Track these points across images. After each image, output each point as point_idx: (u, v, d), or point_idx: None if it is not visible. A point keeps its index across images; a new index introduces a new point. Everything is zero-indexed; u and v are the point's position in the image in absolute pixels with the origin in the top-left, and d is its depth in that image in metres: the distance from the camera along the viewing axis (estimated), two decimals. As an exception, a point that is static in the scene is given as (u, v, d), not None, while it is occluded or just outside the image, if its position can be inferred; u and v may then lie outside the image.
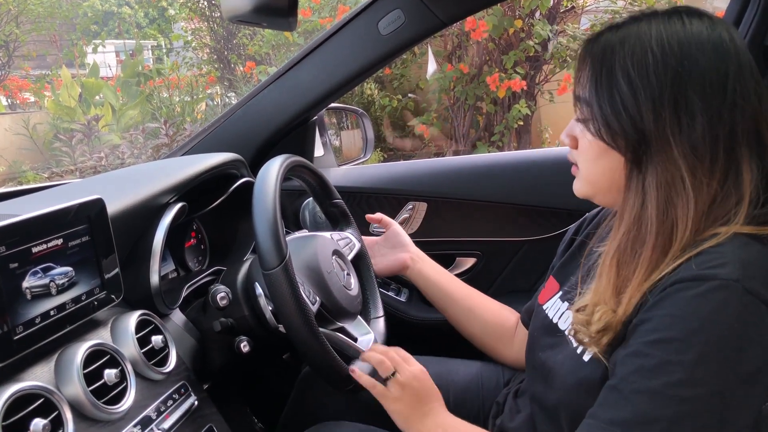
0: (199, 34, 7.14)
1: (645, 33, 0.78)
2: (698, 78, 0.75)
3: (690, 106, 0.75)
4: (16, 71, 8.47)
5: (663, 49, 0.76)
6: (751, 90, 0.77)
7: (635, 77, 0.76)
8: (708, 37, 0.76)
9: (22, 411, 0.70)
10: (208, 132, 1.51)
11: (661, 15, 0.80)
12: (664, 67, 0.75)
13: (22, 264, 0.75)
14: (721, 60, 0.76)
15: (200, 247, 1.28)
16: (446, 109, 5.29)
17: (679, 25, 0.78)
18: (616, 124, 0.78)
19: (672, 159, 0.75)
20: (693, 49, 0.76)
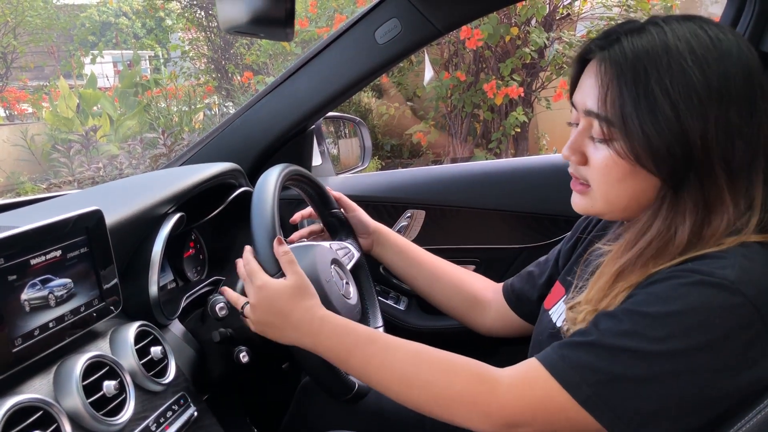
0: (197, 44, 7.17)
1: (674, 45, 0.74)
2: (736, 97, 0.73)
3: (731, 127, 0.73)
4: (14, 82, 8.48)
5: (702, 68, 0.73)
6: None
7: (679, 99, 0.73)
8: (737, 53, 0.74)
9: (22, 424, 0.69)
10: (206, 142, 1.51)
11: (679, 22, 0.77)
12: (707, 87, 0.73)
13: (20, 276, 0.75)
14: (749, 76, 0.75)
15: (199, 257, 1.28)
16: (443, 116, 5.31)
17: (705, 37, 0.75)
18: (662, 148, 0.74)
19: (714, 179, 0.74)
20: (729, 66, 0.73)
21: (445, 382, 0.82)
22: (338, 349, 0.90)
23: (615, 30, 0.80)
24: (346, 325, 0.92)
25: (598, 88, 0.78)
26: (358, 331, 0.90)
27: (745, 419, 0.69)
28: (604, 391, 0.72)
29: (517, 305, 1.17)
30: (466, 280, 1.26)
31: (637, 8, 4.81)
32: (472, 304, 1.23)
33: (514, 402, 0.77)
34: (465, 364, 0.83)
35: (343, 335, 0.90)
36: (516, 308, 1.17)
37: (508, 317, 1.18)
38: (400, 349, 0.87)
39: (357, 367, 0.89)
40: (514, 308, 1.17)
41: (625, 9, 4.99)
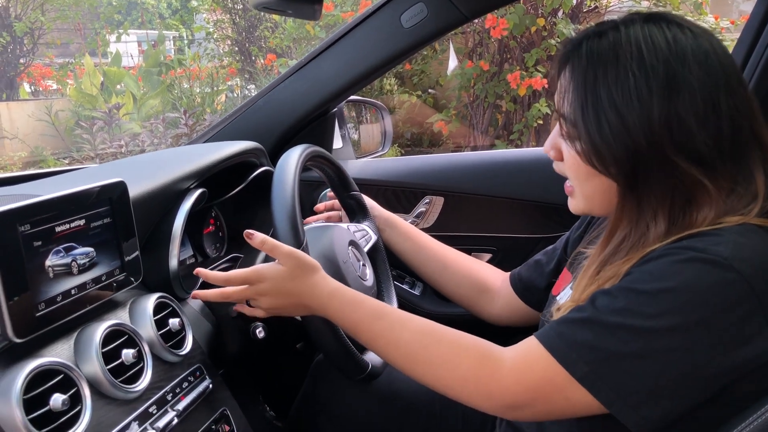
0: (221, 26, 7.19)
1: (625, 52, 0.77)
2: (689, 98, 0.75)
3: (685, 126, 0.75)
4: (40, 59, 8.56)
5: (646, 71, 0.75)
6: (743, 98, 0.77)
7: (621, 104, 0.76)
8: (693, 52, 0.76)
9: (43, 386, 0.71)
10: (229, 121, 1.52)
11: (641, 23, 0.79)
12: (649, 90, 0.75)
13: (45, 242, 0.76)
14: (708, 74, 0.75)
15: (218, 234, 1.30)
16: (465, 106, 5.28)
17: (661, 38, 0.76)
18: (607, 153, 0.77)
19: (680, 172, 0.76)
20: (679, 67, 0.75)
21: (450, 363, 0.84)
22: (346, 322, 0.92)
23: (583, 33, 0.83)
24: (354, 298, 0.92)
25: (565, 90, 0.82)
26: (366, 305, 0.91)
27: (747, 421, 0.69)
28: (602, 369, 0.72)
29: (524, 294, 1.17)
30: (475, 268, 1.26)
31: (667, 2, 4.74)
32: (480, 293, 1.24)
33: (515, 384, 0.79)
34: (470, 345, 0.84)
35: (351, 310, 0.91)
36: (523, 297, 1.17)
37: (515, 306, 1.18)
38: (407, 326, 0.88)
39: (365, 340, 0.91)
40: (521, 297, 1.17)
41: (654, 3, 4.92)
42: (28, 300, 0.74)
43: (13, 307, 0.71)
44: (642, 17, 0.80)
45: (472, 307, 1.26)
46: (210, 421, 0.94)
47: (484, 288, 1.24)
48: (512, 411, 0.81)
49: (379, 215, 1.32)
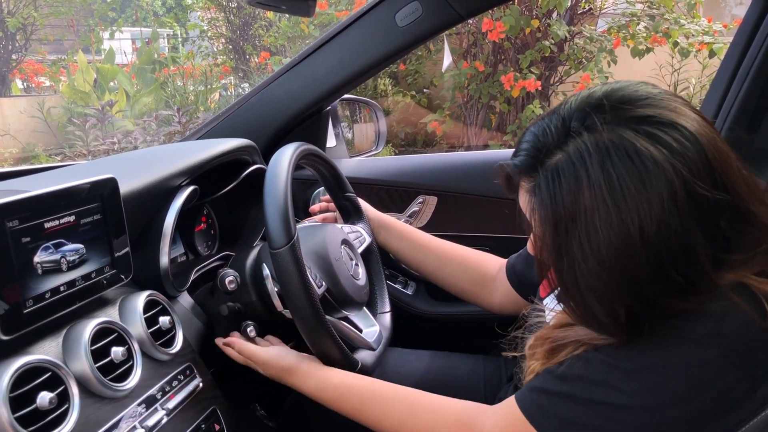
0: (216, 24, 7.16)
1: (589, 199, 0.67)
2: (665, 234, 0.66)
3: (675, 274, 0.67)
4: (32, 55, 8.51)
5: (612, 224, 0.66)
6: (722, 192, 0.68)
7: (595, 268, 0.68)
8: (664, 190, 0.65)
9: (30, 384, 0.70)
10: (223, 118, 1.51)
11: (600, 154, 0.67)
12: (626, 242, 0.66)
13: (34, 239, 0.75)
14: (691, 210, 0.66)
15: (210, 232, 1.29)
16: (459, 106, 5.28)
17: (624, 177, 0.66)
18: (590, 318, 0.73)
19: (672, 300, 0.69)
20: (647, 210, 0.65)
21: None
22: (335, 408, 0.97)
23: (530, 155, 0.74)
24: (336, 389, 0.97)
25: (534, 228, 0.75)
26: (354, 391, 0.95)
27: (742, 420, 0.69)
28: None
29: (519, 287, 1.17)
30: (474, 259, 1.26)
31: (660, 5, 4.76)
32: (481, 284, 1.23)
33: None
34: (453, 419, 0.87)
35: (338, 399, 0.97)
36: (519, 290, 1.17)
37: (514, 296, 1.18)
38: (396, 405, 0.92)
39: (358, 420, 0.95)
40: (516, 289, 1.17)
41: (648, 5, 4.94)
42: (16, 296, 0.73)
43: (0, 304, 0.70)
44: (591, 123, 0.69)
45: (473, 299, 1.26)
46: (200, 420, 0.93)
47: (483, 279, 1.24)
48: None
49: (372, 217, 1.32)
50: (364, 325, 1.15)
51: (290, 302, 0.95)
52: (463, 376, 1.27)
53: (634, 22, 4.95)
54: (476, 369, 1.28)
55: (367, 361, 1.07)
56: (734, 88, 1.44)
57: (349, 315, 1.12)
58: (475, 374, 1.27)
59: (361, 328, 1.13)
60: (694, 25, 4.85)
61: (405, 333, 1.39)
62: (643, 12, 5.02)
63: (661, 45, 4.93)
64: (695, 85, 5.50)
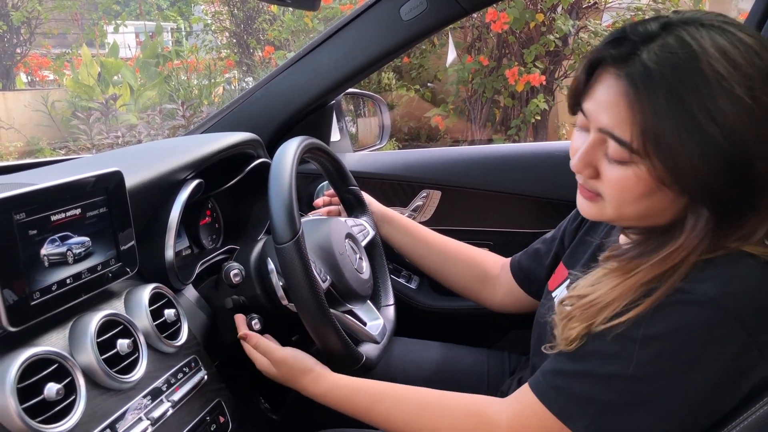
0: (219, 18, 7.15)
1: (707, 61, 0.66)
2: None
3: None
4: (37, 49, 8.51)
5: (749, 85, 0.66)
6: None
7: (730, 125, 0.65)
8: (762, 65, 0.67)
9: (37, 375, 0.71)
10: (227, 112, 1.51)
11: (698, 28, 0.68)
12: (760, 106, 0.66)
13: (40, 231, 0.76)
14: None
15: (215, 225, 1.29)
16: (463, 101, 5.27)
17: (739, 46, 0.67)
18: (709, 179, 0.68)
19: (749, 196, 0.70)
20: (757, 81, 0.66)
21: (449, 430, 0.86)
22: (346, 411, 0.96)
23: (628, 37, 0.71)
24: (349, 391, 0.96)
25: (620, 110, 0.70)
26: (363, 393, 0.94)
27: (739, 419, 0.69)
28: (601, 420, 0.72)
29: (525, 284, 1.17)
30: (476, 257, 1.26)
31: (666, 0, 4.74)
32: (482, 282, 1.23)
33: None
34: (466, 412, 0.86)
35: (349, 402, 0.95)
36: (524, 286, 1.17)
37: (517, 294, 1.18)
38: (405, 405, 0.91)
39: (366, 422, 0.94)
40: (522, 286, 1.17)
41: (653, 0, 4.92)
42: (23, 289, 0.73)
43: (7, 296, 0.71)
44: (691, 20, 0.70)
45: (474, 296, 1.26)
46: (204, 412, 0.94)
47: (485, 277, 1.24)
48: None
49: (376, 211, 1.32)
50: (368, 319, 1.15)
51: (295, 297, 0.95)
52: (467, 368, 1.27)
53: (640, 17, 4.93)
54: (480, 362, 1.29)
55: (372, 354, 1.07)
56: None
57: (353, 308, 1.13)
58: (479, 367, 1.27)
59: (366, 322, 1.14)
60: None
61: (409, 327, 1.39)
62: (649, 6, 5.00)
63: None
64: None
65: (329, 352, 1.00)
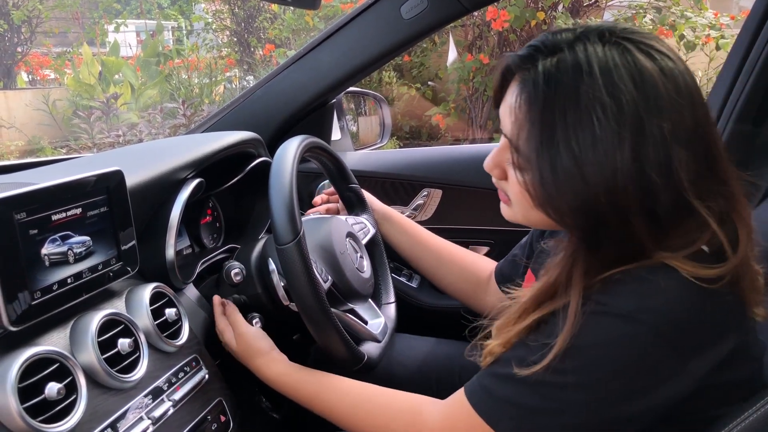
0: (220, 17, 7.15)
1: (588, 89, 0.67)
2: (653, 150, 0.67)
3: (649, 182, 0.67)
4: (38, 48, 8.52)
5: (612, 120, 0.66)
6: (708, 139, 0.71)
7: (579, 154, 0.67)
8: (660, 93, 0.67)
9: (38, 374, 0.71)
10: (228, 111, 1.51)
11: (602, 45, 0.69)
12: (613, 142, 0.66)
13: (41, 231, 0.76)
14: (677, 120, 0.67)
15: (216, 224, 1.29)
16: (464, 99, 5.27)
17: (626, 73, 0.67)
18: (562, 204, 0.71)
19: (628, 229, 0.69)
20: (646, 113, 0.66)
21: (383, 429, 0.88)
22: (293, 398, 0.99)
23: (533, 50, 0.73)
24: (294, 382, 0.98)
25: (516, 117, 0.73)
26: (304, 388, 0.97)
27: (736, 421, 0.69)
28: (524, 424, 0.73)
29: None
30: (470, 261, 1.26)
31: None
32: (475, 286, 1.24)
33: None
34: (402, 409, 0.88)
35: (294, 393, 0.98)
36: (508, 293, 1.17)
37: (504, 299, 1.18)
38: (344, 399, 0.93)
39: (314, 410, 0.97)
40: (499, 283, 1.18)
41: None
42: (24, 288, 0.73)
43: (8, 295, 0.71)
44: (603, 38, 0.70)
45: (467, 300, 1.26)
46: (206, 411, 0.94)
47: (477, 282, 1.24)
48: None
49: (377, 209, 1.32)
50: (369, 317, 1.15)
51: (296, 297, 0.95)
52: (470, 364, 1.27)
53: (641, 15, 4.93)
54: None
55: (373, 353, 1.07)
56: (741, 81, 1.44)
57: (354, 307, 1.12)
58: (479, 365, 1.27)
59: (367, 320, 1.14)
60: (700, 18, 4.82)
61: (410, 325, 1.39)
62: (650, 4, 4.99)
63: (668, 38, 4.91)
64: (702, 77, 5.46)
65: (331, 352, 1.00)
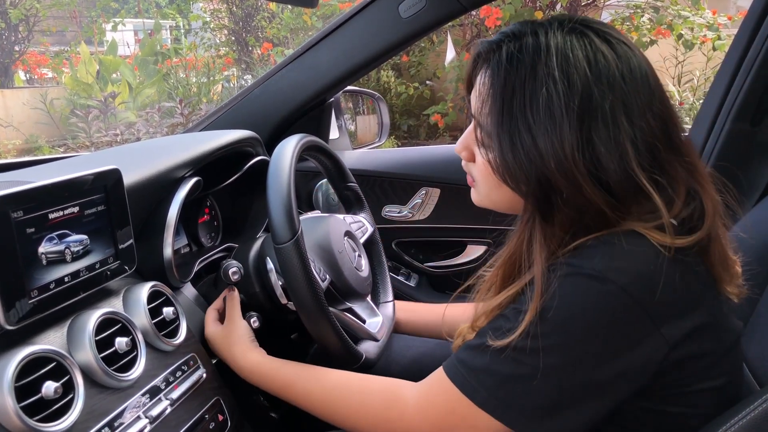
0: (218, 15, 7.14)
1: (543, 66, 0.73)
2: (602, 123, 0.71)
3: (597, 153, 0.71)
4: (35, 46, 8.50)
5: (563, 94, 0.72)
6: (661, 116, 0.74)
7: (533, 122, 0.73)
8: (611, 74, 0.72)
9: (35, 373, 0.71)
10: (226, 110, 1.51)
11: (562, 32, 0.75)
12: (561, 114, 0.71)
13: (38, 229, 0.76)
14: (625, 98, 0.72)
15: (213, 223, 1.29)
16: (462, 98, 5.27)
17: (581, 54, 0.73)
18: (519, 172, 0.75)
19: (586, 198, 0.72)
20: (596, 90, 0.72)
21: (361, 411, 0.88)
22: (270, 390, 0.98)
23: (502, 36, 0.79)
24: (270, 371, 0.98)
25: (477, 94, 0.80)
26: (282, 373, 0.97)
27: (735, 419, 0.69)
28: (500, 392, 0.73)
29: None
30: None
31: (664, -4, 4.74)
32: None
33: (421, 421, 0.80)
34: (377, 390, 0.88)
35: (270, 382, 0.98)
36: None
37: None
38: (319, 385, 0.93)
39: (290, 400, 0.96)
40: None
41: (652, -3, 4.92)
42: (21, 287, 0.73)
43: (5, 294, 0.71)
44: (564, 25, 0.76)
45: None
46: (203, 410, 0.93)
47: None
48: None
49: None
50: (367, 316, 1.15)
51: (294, 296, 0.95)
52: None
53: (638, 14, 4.93)
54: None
55: (371, 352, 1.07)
56: (738, 80, 1.44)
57: (352, 306, 1.12)
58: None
59: (365, 319, 1.14)
60: (698, 18, 4.82)
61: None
62: (648, 4, 5.00)
63: (666, 37, 4.91)
64: (699, 77, 5.48)
65: (328, 351, 1.00)
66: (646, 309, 0.69)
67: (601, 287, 0.69)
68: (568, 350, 0.70)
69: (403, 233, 1.67)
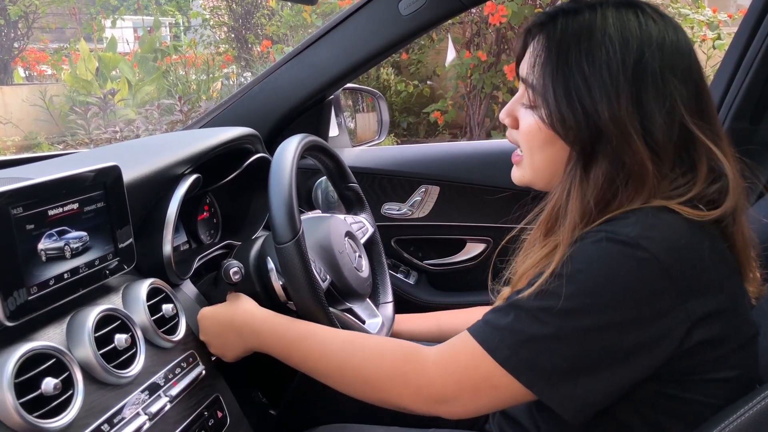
0: (218, 13, 7.14)
1: (600, 28, 0.78)
2: (652, 82, 0.76)
3: (647, 108, 0.76)
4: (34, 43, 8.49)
5: (619, 51, 0.77)
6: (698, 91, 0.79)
7: (592, 77, 0.77)
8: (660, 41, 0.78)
9: (34, 370, 0.71)
10: (225, 107, 1.51)
11: (615, 6, 0.80)
12: (621, 68, 0.76)
13: (38, 226, 0.75)
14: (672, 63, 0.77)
15: (213, 220, 1.29)
16: (462, 96, 5.27)
17: (634, 22, 0.78)
18: (570, 118, 0.78)
19: (632, 154, 0.76)
20: (647, 52, 0.77)
21: (375, 365, 0.86)
22: (280, 346, 0.95)
23: (556, 9, 0.83)
24: (283, 323, 0.96)
25: (531, 57, 0.83)
26: (296, 327, 0.95)
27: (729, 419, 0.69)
28: (522, 351, 0.73)
29: None
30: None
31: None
32: None
33: (440, 377, 0.79)
34: (395, 346, 0.87)
35: (283, 333, 0.95)
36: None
37: None
38: (335, 339, 0.91)
39: (298, 360, 0.93)
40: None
41: (653, -5, 4.91)
42: (21, 283, 0.73)
43: (5, 291, 0.71)
44: (615, 2, 0.81)
45: None
46: (202, 407, 0.94)
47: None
48: (441, 406, 0.80)
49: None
50: (367, 317, 1.15)
51: (295, 296, 0.95)
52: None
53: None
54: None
55: None
56: (738, 79, 1.44)
57: (352, 307, 1.12)
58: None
59: (364, 320, 1.14)
60: (698, 16, 4.82)
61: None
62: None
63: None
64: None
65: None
66: (675, 281, 0.70)
67: (633, 253, 0.70)
68: (594, 314, 0.71)
69: (403, 231, 1.67)
